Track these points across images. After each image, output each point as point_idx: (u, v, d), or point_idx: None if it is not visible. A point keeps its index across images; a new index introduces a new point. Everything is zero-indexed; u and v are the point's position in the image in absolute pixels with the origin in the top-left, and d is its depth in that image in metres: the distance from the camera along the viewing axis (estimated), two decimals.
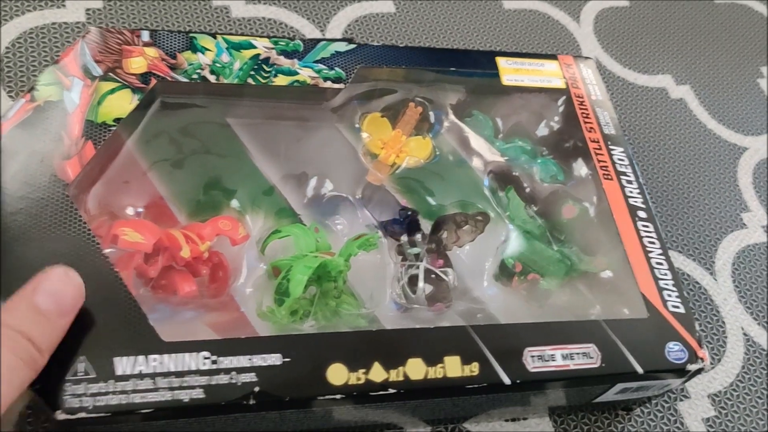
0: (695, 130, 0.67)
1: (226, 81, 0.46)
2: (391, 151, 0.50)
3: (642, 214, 0.48)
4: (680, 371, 0.42)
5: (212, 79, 0.45)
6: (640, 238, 0.47)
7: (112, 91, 0.43)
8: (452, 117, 0.52)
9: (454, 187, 0.50)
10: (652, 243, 0.47)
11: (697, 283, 0.57)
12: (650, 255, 0.46)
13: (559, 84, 0.53)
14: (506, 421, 0.46)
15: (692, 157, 0.65)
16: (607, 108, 0.52)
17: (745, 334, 0.55)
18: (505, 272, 0.47)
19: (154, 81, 0.44)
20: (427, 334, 0.40)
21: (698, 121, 0.68)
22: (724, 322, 0.55)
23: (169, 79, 0.44)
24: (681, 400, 0.49)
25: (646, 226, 0.47)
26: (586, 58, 0.55)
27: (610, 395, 0.44)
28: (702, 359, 0.42)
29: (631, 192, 0.49)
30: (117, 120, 0.42)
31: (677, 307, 0.44)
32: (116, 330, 0.36)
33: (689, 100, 0.69)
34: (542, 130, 0.54)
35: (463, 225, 0.48)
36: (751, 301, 0.57)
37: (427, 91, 0.52)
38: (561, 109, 0.53)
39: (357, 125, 0.50)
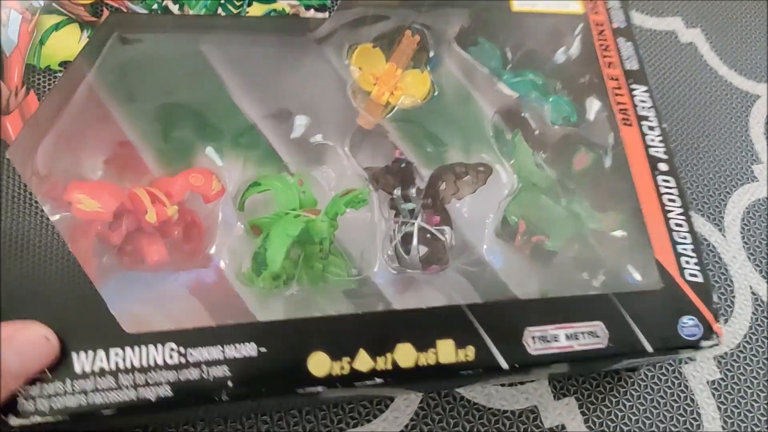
0: (705, 77, 0.61)
1: (192, 12, 0.39)
2: (385, 87, 0.44)
3: (663, 166, 0.43)
4: (693, 347, 0.39)
5: (175, 9, 0.39)
6: (659, 194, 0.42)
7: (57, 26, 0.37)
8: (454, 47, 0.45)
9: (455, 130, 0.45)
10: (672, 201, 0.42)
11: (706, 239, 0.53)
12: (669, 215, 0.42)
13: (576, 8, 0.46)
14: (502, 386, 0.43)
15: (702, 106, 0.59)
16: (631, 38, 0.46)
17: (753, 293, 0.51)
18: (507, 229, 0.43)
19: (106, 13, 0.37)
20: (418, 316, 0.36)
21: (709, 67, 0.62)
22: (732, 281, 0.51)
23: (124, 10, 0.38)
24: (686, 363, 0.47)
25: (667, 181, 0.42)
26: None
27: (615, 366, 0.41)
28: (717, 334, 0.39)
29: (652, 140, 0.43)
30: (64, 64, 0.36)
31: (695, 275, 0.40)
32: (73, 321, 0.32)
33: (700, 44, 0.63)
34: (556, 61, 0.48)
35: (463, 176, 0.43)
36: (760, 258, 0.53)
37: (426, 17, 0.45)
38: (577, 38, 0.46)
39: (346, 60, 0.43)
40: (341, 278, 0.41)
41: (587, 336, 0.38)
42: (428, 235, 0.42)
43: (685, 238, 0.41)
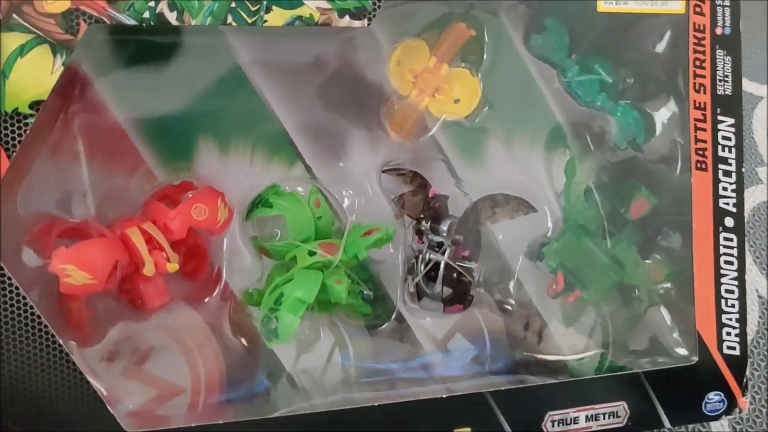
0: None
1: (193, 21, 0.31)
2: (425, 87, 0.37)
3: (729, 222, 0.38)
4: (712, 420, 0.38)
5: (173, 18, 0.30)
6: (718, 255, 0.38)
7: (22, 50, 0.29)
8: (517, 45, 0.37)
9: (503, 144, 0.38)
10: (729, 264, 0.38)
11: None
12: (722, 279, 0.38)
13: (677, 7, 0.37)
14: None
15: None
16: (734, 50, 0.37)
17: (759, 297, 0.50)
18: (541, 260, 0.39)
19: (84, 26, 0.29)
20: (437, 405, 0.34)
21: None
22: None
23: (106, 21, 0.30)
24: None
25: (729, 239, 0.38)
26: None
27: None
28: (741, 409, 0.38)
29: (724, 189, 0.38)
30: (36, 105, 0.29)
31: (733, 348, 0.38)
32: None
33: None
34: (634, 54, 0.39)
35: (503, 204, 0.38)
36: (766, 261, 0.52)
37: (485, 11, 0.36)
38: (668, 40, 0.38)
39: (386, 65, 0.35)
40: (354, 304, 0.38)
41: (608, 416, 0.36)
42: (454, 274, 0.38)
43: (733, 306, 0.38)
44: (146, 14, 0.30)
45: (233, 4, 0.31)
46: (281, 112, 0.37)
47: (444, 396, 0.34)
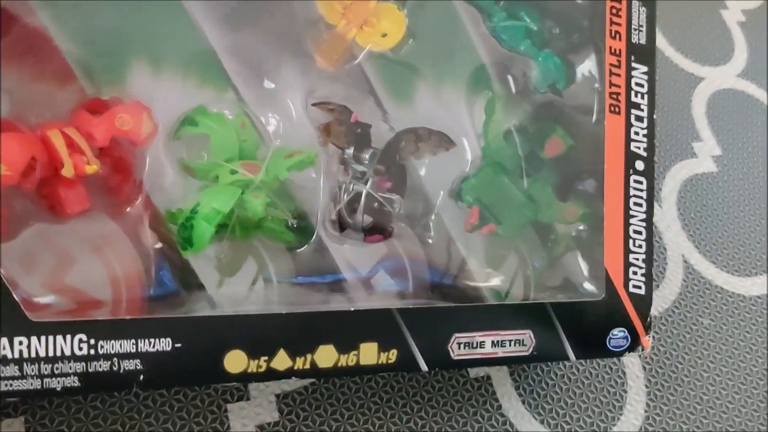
0: None
1: None
2: (353, 19, 0.38)
3: (639, 165, 0.40)
4: (616, 356, 0.40)
5: None
6: (628, 196, 0.39)
7: None
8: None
9: (428, 80, 0.40)
10: (639, 205, 0.39)
11: None
12: (631, 220, 0.39)
13: None
14: None
15: None
16: (649, 3, 0.39)
17: (685, 261, 0.52)
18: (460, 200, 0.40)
19: None
20: (346, 317, 0.35)
21: (657, 48, 0.59)
22: (665, 248, 0.52)
23: None
24: None
25: (639, 182, 0.39)
26: None
27: None
28: (644, 347, 0.39)
29: (636, 133, 0.39)
30: None
31: (638, 287, 0.39)
32: None
33: None
34: (559, 5, 0.41)
35: (425, 139, 0.40)
36: (694, 229, 0.54)
37: None
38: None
39: None
40: (277, 230, 0.39)
41: (513, 344, 0.37)
42: (375, 204, 0.39)
43: (640, 246, 0.39)
44: None
45: None
46: (212, 35, 0.37)
47: (352, 309, 0.35)
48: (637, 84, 0.39)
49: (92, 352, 0.31)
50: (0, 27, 0.33)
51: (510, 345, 0.37)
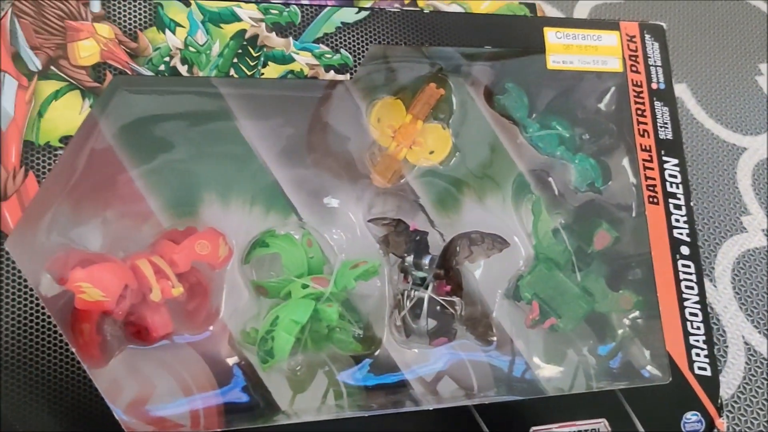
0: (693, 130, 0.61)
1: (201, 73, 0.36)
2: (403, 140, 0.42)
3: (685, 250, 0.41)
4: None
5: (184, 70, 0.36)
6: (678, 281, 0.41)
7: (57, 94, 0.34)
8: (481, 103, 0.43)
9: (476, 190, 0.43)
10: (690, 288, 0.41)
11: None
12: (685, 303, 0.41)
13: (616, 66, 0.43)
14: None
15: (690, 159, 0.59)
16: (670, 101, 0.43)
17: (746, 343, 0.52)
18: (518, 298, 0.42)
19: (109, 76, 0.35)
20: (424, 417, 0.36)
21: (696, 121, 0.62)
22: (725, 331, 0.52)
23: (128, 72, 0.35)
24: None
25: (687, 266, 0.41)
26: (655, 25, 0.44)
27: None
28: (719, 430, 0.39)
29: (677, 221, 0.42)
30: (65, 138, 0.34)
31: (704, 369, 0.40)
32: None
33: (686, 98, 0.62)
34: (588, 114, 0.45)
35: (478, 242, 0.42)
36: (752, 308, 0.54)
37: (453, 70, 0.42)
38: (613, 97, 0.43)
39: (366, 118, 0.41)
40: (346, 340, 0.40)
41: None
42: (438, 308, 0.41)
43: (698, 328, 0.40)
44: (161, 67, 0.36)
45: (235, 60, 0.37)
46: (275, 167, 0.41)
47: (431, 408, 0.36)
48: (670, 175, 0.42)
49: None
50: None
51: None
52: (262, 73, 0.37)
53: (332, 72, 0.38)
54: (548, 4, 0.63)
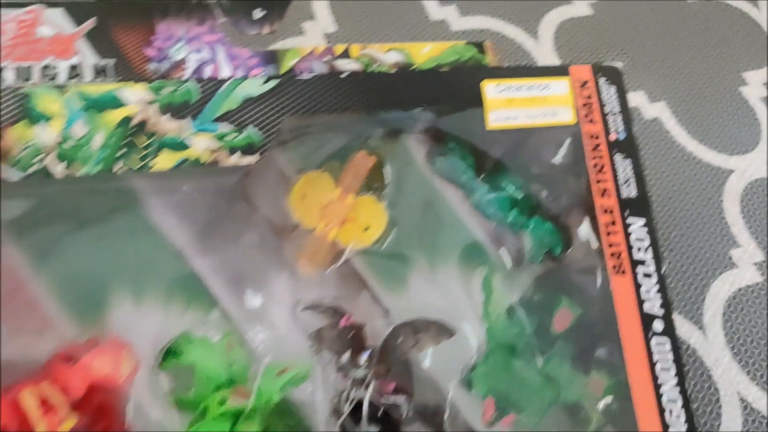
0: (673, 156, 0.56)
1: (83, 170, 0.31)
2: (333, 218, 0.37)
3: (658, 326, 0.36)
4: None
5: (62, 167, 0.31)
6: (652, 363, 0.36)
7: None
8: (419, 169, 0.38)
9: (419, 278, 0.38)
10: (666, 370, 0.36)
11: (685, 342, 0.47)
12: (662, 389, 0.35)
13: (568, 117, 0.38)
14: None
15: (672, 188, 0.54)
16: (631, 152, 0.38)
17: (742, 399, 0.46)
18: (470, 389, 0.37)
19: None
20: None
21: (677, 144, 0.56)
22: (717, 388, 0.46)
23: None
24: None
25: (662, 345, 0.36)
26: (610, 67, 0.39)
27: None
28: None
29: (647, 292, 0.37)
30: None
31: None
32: None
33: (665, 118, 0.57)
34: (542, 167, 0.40)
35: (423, 330, 0.37)
36: (747, 357, 0.48)
37: (385, 135, 0.37)
38: (567, 154, 0.38)
39: (285, 201, 0.36)
40: None
41: None
42: (379, 413, 0.36)
43: (678, 417, 0.35)
44: (34, 167, 0.31)
45: (122, 151, 0.32)
46: (193, 256, 0.36)
47: None
48: (637, 239, 0.37)
49: None
50: None
51: None
52: (151, 167, 0.32)
53: (237, 154, 0.33)
54: (510, 24, 0.59)
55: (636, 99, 0.59)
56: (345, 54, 0.44)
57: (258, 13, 0.42)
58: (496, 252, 0.39)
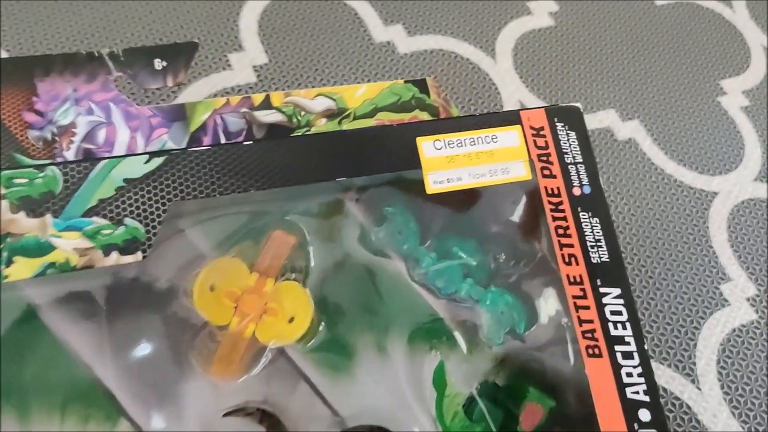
0: (652, 179, 0.51)
1: None
2: (250, 310, 0.31)
3: (645, 415, 0.30)
4: None
5: None
6: None
7: None
8: (351, 242, 0.31)
9: (363, 367, 0.31)
10: None
11: (677, 398, 0.41)
12: None
13: (522, 172, 0.32)
14: None
15: (653, 217, 0.49)
16: (600, 208, 0.32)
17: None
18: None
19: None
20: None
21: (654, 167, 0.51)
22: None
23: None
24: None
25: None
26: (568, 107, 0.33)
27: None
28: None
29: (629, 376, 0.30)
30: None
31: None
32: None
33: (640, 138, 0.52)
34: (498, 225, 0.34)
35: None
36: (746, 410, 0.43)
37: (303, 211, 0.31)
38: (526, 212, 0.32)
39: (186, 291, 0.30)
40: None
41: None
42: None
43: None
44: None
45: None
46: (94, 363, 0.30)
47: None
48: (613, 313, 0.31)
49: None
50: None
51: None
52: (6, 276, 0.25)
53: (115, 254, 0.26)
54: (463, 42, 0.53)
55: (607, 119, 0.54)
56: (266, 103, 0.38)
57: (159, 64, 0.36)
58: (449, 333, 0.32)
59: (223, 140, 0.36)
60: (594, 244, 0.31)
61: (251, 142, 0.30)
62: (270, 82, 0.48)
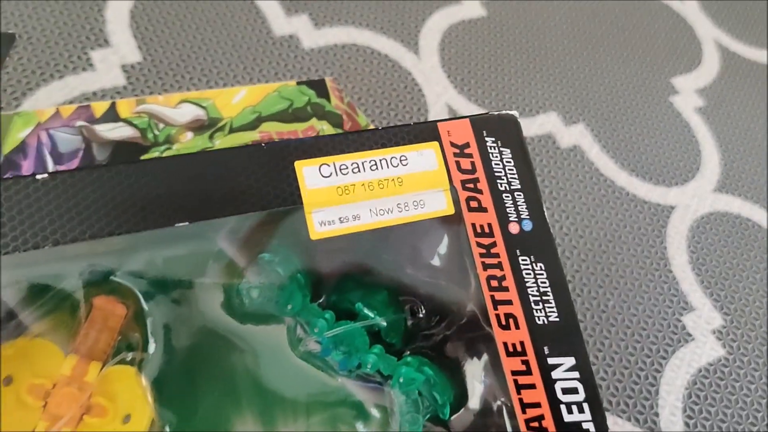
0: (601, 193, 0.45)
1: None
2: (66, 408, 0.22)
3: None
4: None
5: None
6: None
7: None
8: (210, 310, 0.22)
9: None
10: None
11: None
12: None
13: (442, 205, 0.23)
14: None
15: (604, 237, 0.43)
16: (545, 251, 0.24)
17: None
18: None
19: None
20: None
21: (603, 178, 0.45)
22: None
23: None
24: None
25: None
26: (501, 116, 0.25)
27: None
28: None
29: None
30: None
31: None
32: None
33: (586, 146, 0.46)
34: (416, 267, 0.26)
35: None
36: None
37: (146, 262, 0.22)
38: (450, 253, 0.24)
39: None
40: None
41: None
42: None
43: None
44: None
45: None
46: None
47: None
48: (565, 391, 0.23)
49: None
50: None
51: None
52: None
53: None
54: (381, 35, 0.46)
55: (548, 123, 0.47)
56: (112, 113, 0.28)
57: None
58: (351, 425, 0.24)
59: (50, 165, 0.27)
60: (539, 299, 0.23)
61: (86, 167, 0.21)
62: (143, 85, 0.39)
